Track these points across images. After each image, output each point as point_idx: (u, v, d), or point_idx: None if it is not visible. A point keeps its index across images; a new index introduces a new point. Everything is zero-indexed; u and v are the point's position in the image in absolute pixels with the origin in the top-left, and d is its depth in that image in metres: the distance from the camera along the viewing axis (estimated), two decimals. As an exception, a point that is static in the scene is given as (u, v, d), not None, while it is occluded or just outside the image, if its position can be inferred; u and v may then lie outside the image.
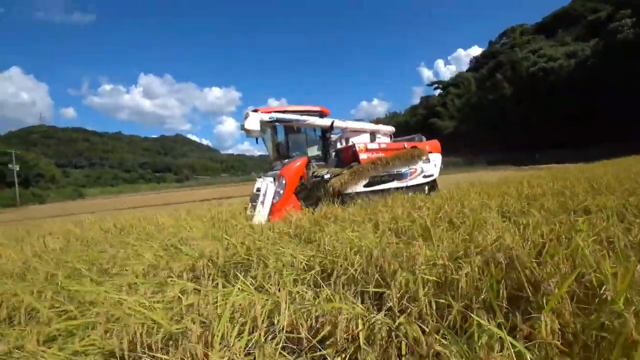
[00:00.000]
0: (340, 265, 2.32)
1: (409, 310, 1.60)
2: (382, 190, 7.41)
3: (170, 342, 1.75)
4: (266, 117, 7.21)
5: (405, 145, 8.50)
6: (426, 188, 8.53)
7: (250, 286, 2.21)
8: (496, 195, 5.18)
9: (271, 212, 6.16)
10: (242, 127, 7.01)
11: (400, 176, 7.92)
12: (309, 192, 7.36)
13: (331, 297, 1.76)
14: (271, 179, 6.68)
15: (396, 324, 1.43)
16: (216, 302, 2.04)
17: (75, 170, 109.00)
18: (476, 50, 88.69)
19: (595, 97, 36.51)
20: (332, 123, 8.21)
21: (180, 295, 2.20)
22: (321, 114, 8.39)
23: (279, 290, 2.09)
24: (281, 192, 6.39)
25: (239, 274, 2.26)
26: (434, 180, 8.83)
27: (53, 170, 79.14)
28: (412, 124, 59.09)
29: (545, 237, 2.56)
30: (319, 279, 2.40)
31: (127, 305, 2.07)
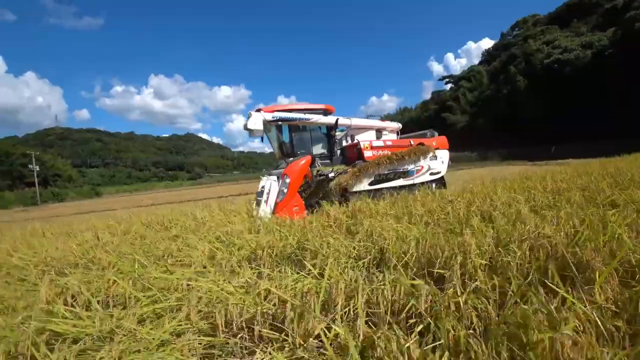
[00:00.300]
0: (393, 253, 2.58)
1: (469, 288, 1.85)
2: (388, 189, 7.37)
3: (254, 321, 2.03)
4: (269, 116, 7.22)
5: (412, 142, 8.37)
6: (433, 185, 8.36)
7: (314, 272, 2.49)
8: (521, 190, 5.35)
9: (275, 211, 6.24)
10: (245, 127, 7.06)
11: (406, 174, 7.86)
12: (314, 191, 7.37)
13: (397, 279, 2.01)
14: (275, 177, 6.78)
15: (463, 298, 1.68)
16: (287, 286, 2.32)
17: (91, 170, 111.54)
18: (487, 43, 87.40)
19: (613, 88, 35.74)
20: (337, 121, 8.14)
21: (252, 281, 2.48)
22: (325, 112, 8.29)
23: (341, 274, 2.36)
24: (285, 190, 6.46)
25: (304, 261, 2.52)
26: (442, 178, 8.67)
27: (69, 170, 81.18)
28: (423, 119, 58.76)
29: (577, 228, 2.77)
30: (372, 265, 2.67)
31: (211, 289, 2.36)
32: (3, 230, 10.38)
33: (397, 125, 10.26)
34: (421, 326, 1.52)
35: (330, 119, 8.14)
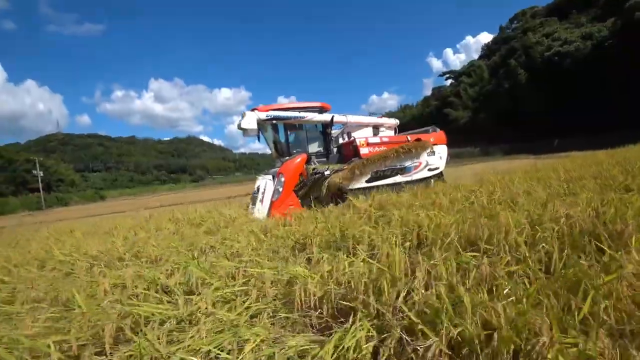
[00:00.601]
0: (434, 238, 2.83)
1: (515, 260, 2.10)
2: (385, 186, 7.34)
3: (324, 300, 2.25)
4: (263, 115, 7.25)
5: (409, 138, 8.34)
6: (432, 181, 8.23)
7: (363, 256, 2.74)
8: (536, 180, 5.59)
9: (270, 210, 6.37)
10: (239, 126, 7.13)
11: (403, 170, 7.80)
12: (309, 189, 7.33)
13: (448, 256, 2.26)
14: (270, 177, 6.88)
15: (514, 268, 1.94)
16: (344, 268, 2.56)
17: (93, 174, 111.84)
18: (486, 37, 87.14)
19: (613, 79, 35.88)
20: (332, 118, 8.14)
21: (311, 264, 2.73)
22: (321, 110, 8.32)
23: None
24: (280, 189, 6.54)
25: (358, 246, 2.78)
26: (440, 173, 8.58)
27: (72, 175, 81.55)
28: (425, 116, 58.91)
29: (599, 210, 3.02)
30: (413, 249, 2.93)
31: (278, 271, 2.61)
32: (19, 233, 10.64)
33: (394, 122, 10.24)
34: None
35: (325, 117, 8.16)
